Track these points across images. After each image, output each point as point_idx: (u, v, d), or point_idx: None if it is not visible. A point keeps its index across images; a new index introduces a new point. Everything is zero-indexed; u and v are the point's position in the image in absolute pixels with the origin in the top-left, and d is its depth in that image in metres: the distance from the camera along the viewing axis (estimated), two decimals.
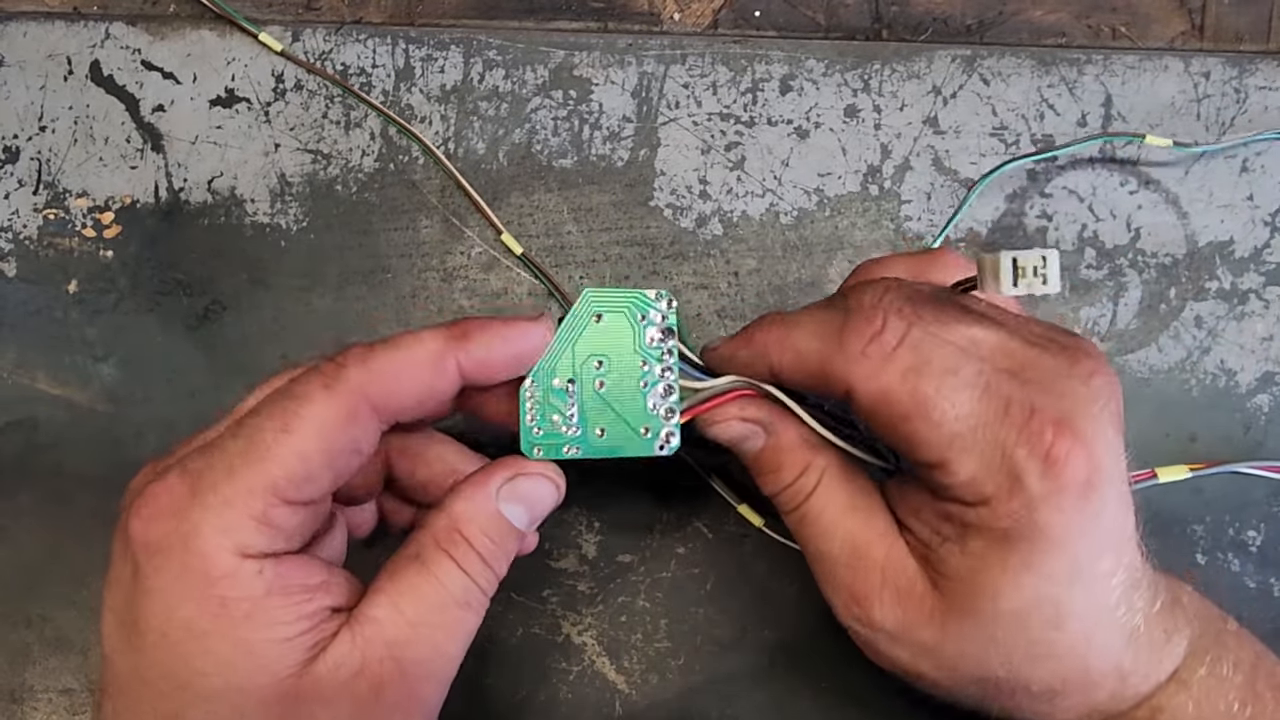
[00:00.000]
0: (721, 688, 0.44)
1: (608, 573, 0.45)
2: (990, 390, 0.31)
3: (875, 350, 0.31)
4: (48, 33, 0.47)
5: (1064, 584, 0.31)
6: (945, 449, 0.31)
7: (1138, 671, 0.33)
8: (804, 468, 0.35)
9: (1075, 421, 0.30)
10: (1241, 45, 0.49)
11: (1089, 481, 0.30)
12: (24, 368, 0.46)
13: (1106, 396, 0.31)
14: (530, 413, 0.35)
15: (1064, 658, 0.32)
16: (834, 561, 0.34)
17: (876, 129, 0.47)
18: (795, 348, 0.33)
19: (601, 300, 0.35)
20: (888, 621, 0.33)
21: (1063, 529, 0.30)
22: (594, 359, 0.35)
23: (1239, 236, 0.47)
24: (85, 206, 0.47)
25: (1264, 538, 0.45)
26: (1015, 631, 0.31)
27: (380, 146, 0.47)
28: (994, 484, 0.30)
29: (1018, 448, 0.30)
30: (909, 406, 0.31)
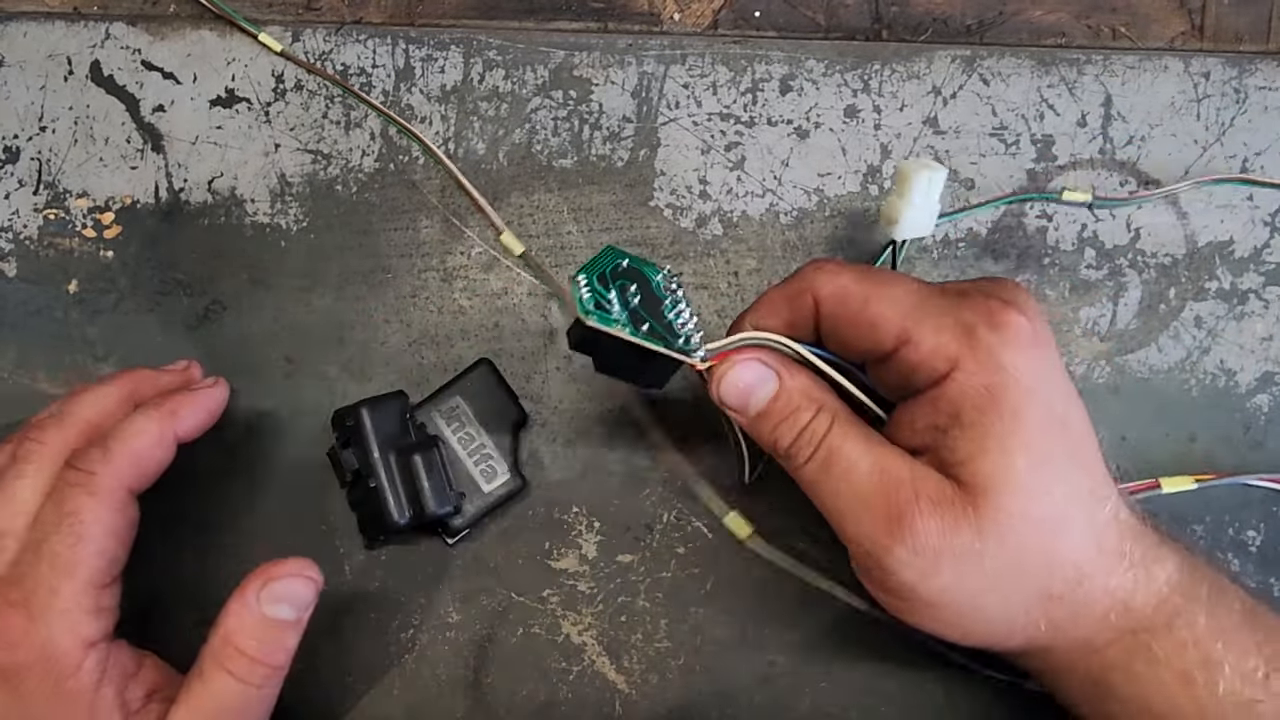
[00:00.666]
0: (722, 688, 0.44)
1: (608, 573, 0.45)
2: (921, 289, 0.36)
3: (831, 266, 0.37)
4: (48, 33, 0.47)
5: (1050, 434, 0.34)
6: (903, 320, 0.35)
7: (1139, 564, 0.35)
8: (819, 406, 0.37)
9: (1002, 295, 0.35)
10: (1241, 45, 0.49)
11: (1035, 334, 0.34)
12: (24, 368, 0.46)
13: (1024, 295, 0.36)
14: (584, 291, 0.37)
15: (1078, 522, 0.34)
16: (865, 492, 0.35)
17: (876, 129, 0.47)
18: (769, 300, 0.38)
19: (622, 254, 0.38)
20: (930, 534, 0.34)
21: (1029, 370, 0.34)
22: (626, 283, 0.38)
23: (1239, 236, 0.47)
24: (85, 207, 0.47)
25: (1264, 538, 0.45)
26: (1040, 495, 0.34)
27: (380, 146, 0.47)
28: (955, 343, 0.34)
29: (962, 310, 0.35)
30: (867, 290, 0.36)
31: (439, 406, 0.44)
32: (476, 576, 0.45)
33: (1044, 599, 0.35)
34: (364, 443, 0.42)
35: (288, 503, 0.45)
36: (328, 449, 0.44)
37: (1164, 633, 0.34)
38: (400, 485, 0.42)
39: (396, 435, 0.42)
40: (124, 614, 0.41)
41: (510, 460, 0.44)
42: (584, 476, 0.45)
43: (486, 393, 0.44)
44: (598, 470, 0.45)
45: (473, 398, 0.44)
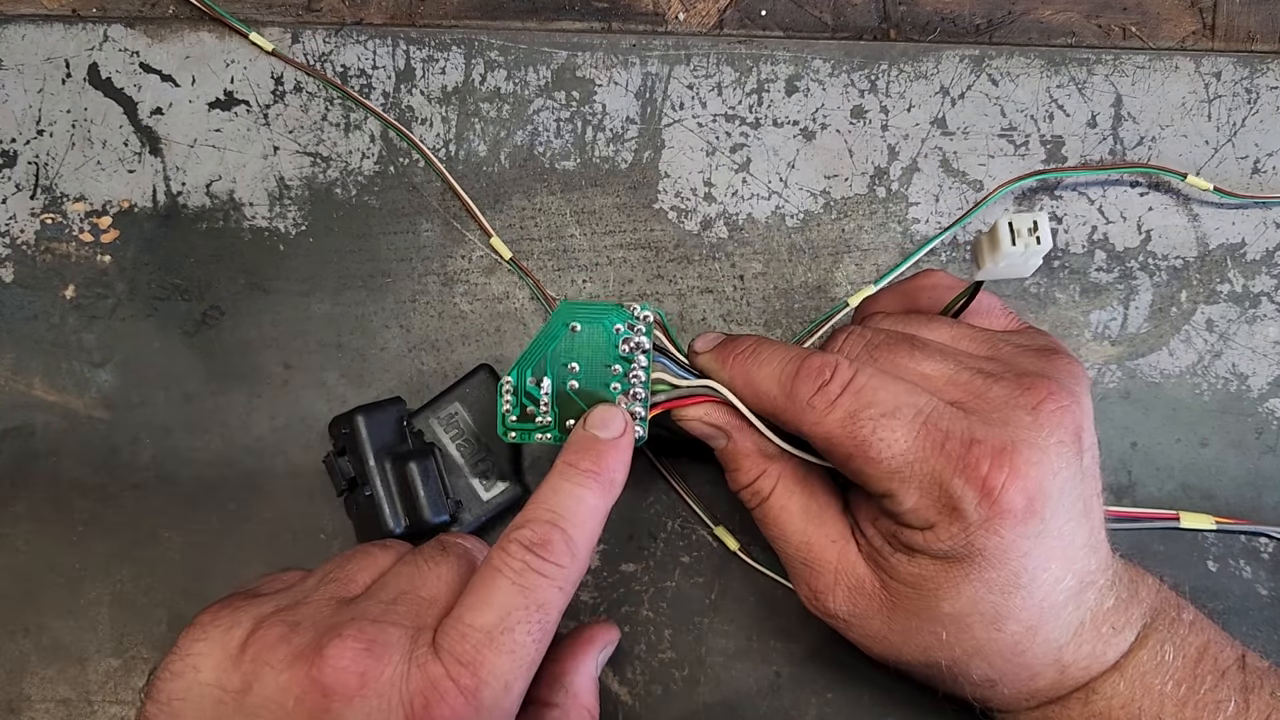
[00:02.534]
0: (727, 699, 0.43)
1: (611, 582, 0.44)
2: (929, 426, 0.33)
3: (820, 400, 0.34)
4: (46, 35, 0.47)
5: (1002, 593, 0.33)
6: (887, 482, 0.34)
7: (1078, 664, 0.35)
8: (760, 473, 0.38)
9: (1015, 450, 0.33)
10: (1253, 45, 0.48)
11: (1028, 506, 0.32)
12: (21, 374, 0.45)
13: (1053, 424, 0.33)
14: (506, 404, 0.38)
15: (1003, 654, 0.34)
16: (791, 559, 0.38)
17: (884, 130, 0.47)
18: (755, 388, 0.36)
19: (576, 312, 0.38)
20: (841, 612, 0.36)
21: (1000, 549, 0.33)
22: (568, 362, 0.38)
23: (1250, 239, 0.46)
24: (83, 211, 0.46)
25: (1276, 545, 0.45)
26: (956, 630, 0.34)
27: (380, 149, 0.47)
28: (935, 512, 0.33)
29: (954, 479, 0.33)
30: (850, 448, 0.34)
31: (437, 413, 0.43)
32: None
33: (951, 683, 0.36)
34: (359, 450, 0.41)
35: (285, 510, 0.44)
36: (324, 456, 0.43)
37: (1079, 705, 0.35)
38: (395, 493, 0.41)
39: (393, 442, 0.42)
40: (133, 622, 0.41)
41: (510, 468, 0.43)
42: None
43: (487, 399, 0.43)
44: None
45: (472, 404, 0.43)
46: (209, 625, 0.33)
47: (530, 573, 0.33)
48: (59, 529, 0.44)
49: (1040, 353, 0.36)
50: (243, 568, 0.44)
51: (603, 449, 0.36)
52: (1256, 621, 0.44)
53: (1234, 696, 0.34)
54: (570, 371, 0.38)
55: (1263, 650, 0.36)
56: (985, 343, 0.37)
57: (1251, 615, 0.44)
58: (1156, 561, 0.44)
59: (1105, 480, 0.44)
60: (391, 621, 0.32)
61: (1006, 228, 0.34)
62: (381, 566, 0.36)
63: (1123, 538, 0.44)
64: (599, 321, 0.38)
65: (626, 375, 0.38)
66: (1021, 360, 0.36)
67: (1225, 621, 0.43)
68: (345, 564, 0.36)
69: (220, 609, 0.34)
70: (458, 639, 0.32)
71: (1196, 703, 0.34)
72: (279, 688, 0.31)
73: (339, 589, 0.35)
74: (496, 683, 0.31)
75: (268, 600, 0.34)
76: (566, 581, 0.34)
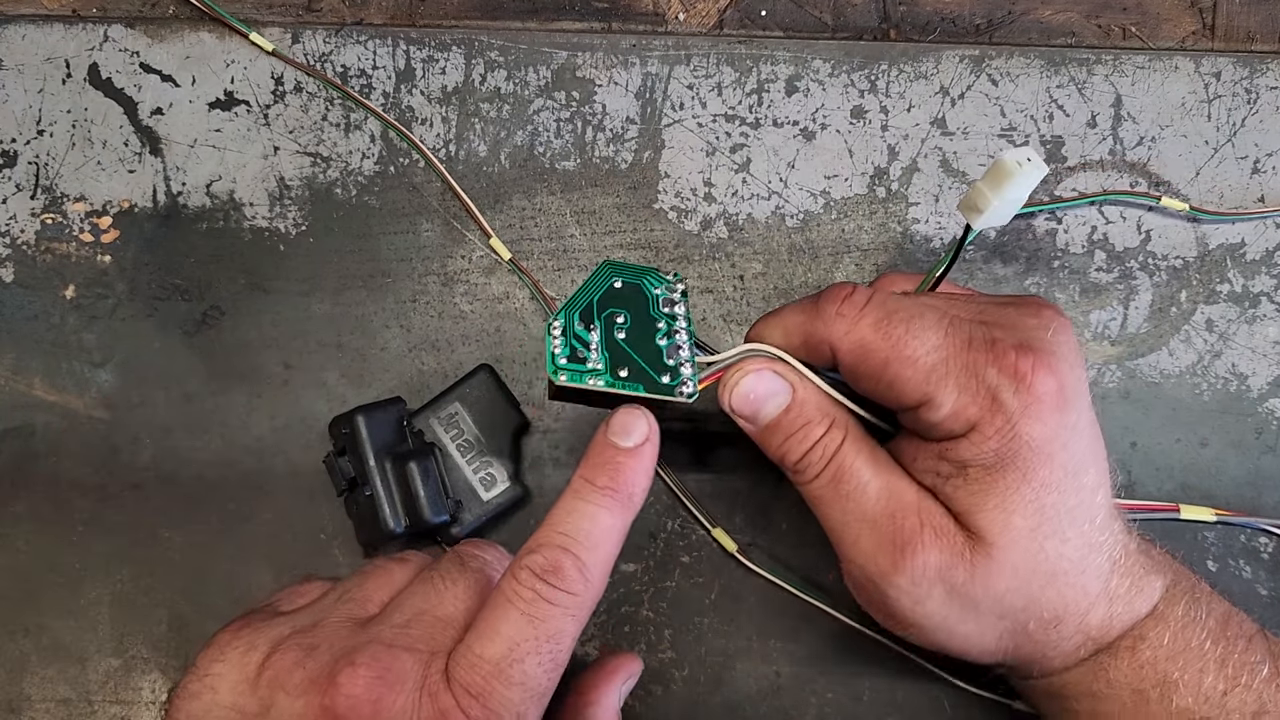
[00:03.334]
0: (727, 699, 0.43)
1: (611, 582, 0.44)
2: (954, 326, 0.34)
3: (848, 308, 0.35)
4: (46, 35, 0.47)
5: (1059, 492, 0.34)
6: (924, 384, 0.34)
7: (1122, 598, 0.35)
8: (831, 420, 0.36)
9: (1033, 344, 0.34)
10: (1253, 45, 0.48)
11: (1060, 392, 0.33)
12: (21, 374, 0.45)
13: (1057, 324, 0.35)
14: (556, 345, 0.36)
15: (1069, 574, 0.34)
16: (874, 515, 0.35)
17: (884, 130, 0.47)
18: (783, 323, 0.37)
19: (619, 271, 0.38)
20: (930, 564, 0.34)
21: (1045, 439, 0.33)
22: (615, 313, 0.37)
23: (1250, 239, 0.46)
24: (83, 211, 0.46)
25: (1276, 544, 0.45)
26: (1033, 551, 0.34)
27: (380, 149, 0.47)
28: (976, 407, 0.33)
29: (988, 369, 0.33)
30: (886, 350, 0.34)
31: (438, 413, 0.43)
32: None
33: (1018, 633, 0.36)
34: (359, 450, 0.41)
35: (285, 510, 0.44)
36: (324, 456, 0.43)
37: (1127, 655, 0.35)
38: (396, 493, 0.41)
39: (393, 442, 0.42)
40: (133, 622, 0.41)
41: (511, 468, 0.43)
42: None
43: (487, 399, 0.43)
44: None
45: (472, 404, 0.43)
46: (227, 646, 0.33)
47: (541, 602, 0.32)
48: (59, 529, 0.44)
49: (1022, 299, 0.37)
50: (243, 568, 0.44)
51: (622, 461, 0.34)
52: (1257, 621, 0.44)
53: (1266, 660, 0.35)
54: (618, 323, 0.37)
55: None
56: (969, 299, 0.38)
57: (1252, 615, 0.44)
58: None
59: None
60: (405, 646, 0.32)
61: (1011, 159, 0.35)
62: (398, 584, 0.36)
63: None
64: (640, 280, 0.38)
65: (670, 332, 0.37)
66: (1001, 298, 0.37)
67: None
68: (364, 583, 0.36)
69: (239, 629, 0.34)
70: (468, 669, 0.31)
71: (1235, 662, 0.35)
72: (294, 714, 0.31)
73: (356, 609, 0.34)
74: (507, 713, 0.31)
75: (285, 621, 0.34)
76: (580, 609, 0.33)
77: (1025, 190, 0.36)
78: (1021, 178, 0.35)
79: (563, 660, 0.32)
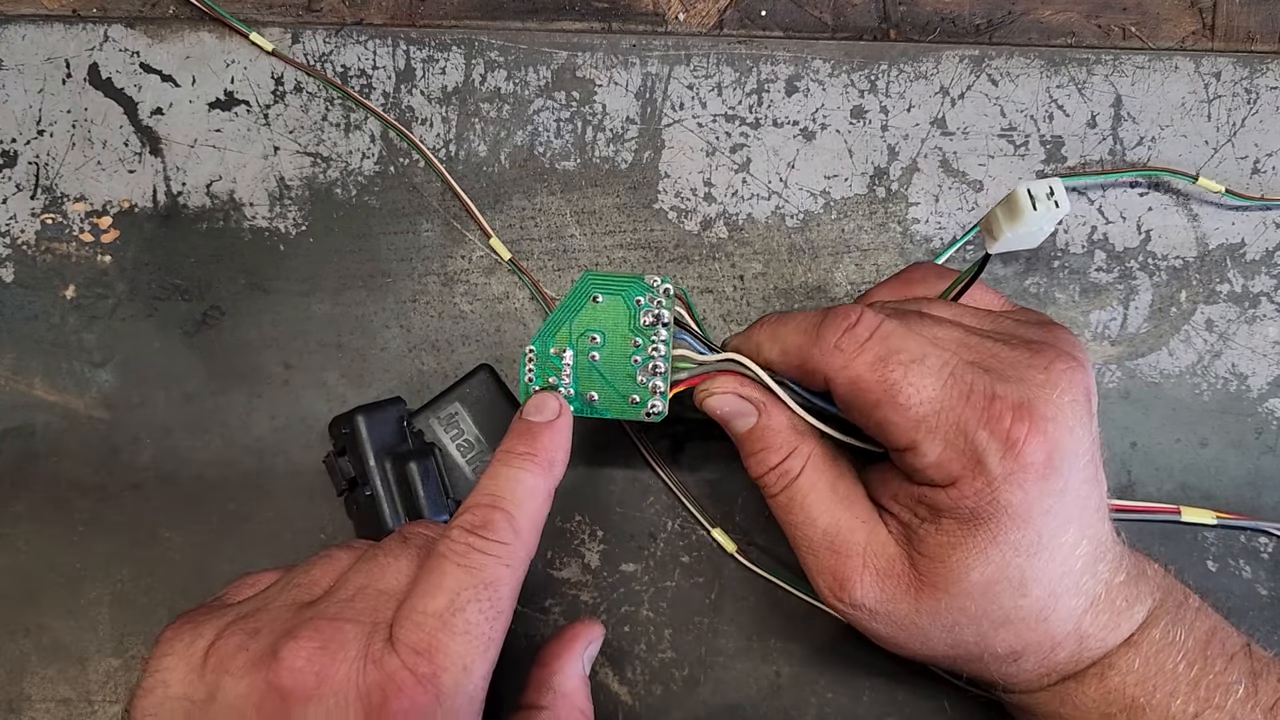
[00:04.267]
0: (727, 700, 0.43)
1: (611, 582, 0.44)
2: (955, 377, 0.33)
3: (848, 342, 0.34)
4: (46, 35, 0.47)
5: (1028, 555, 0.34)
6: (913, 432, 0.33)
7: (1096, 635, 0.35)
8: (791, 450, 0.37)
9: (1033, 406, 0.33)
10: (1253, 45, 0.48)
11: (1048, 461, 0.33)
12: (21, 374, 0.45)
13: (1066, 383, 0.34)
14: (529, 373, 0.39)
15: (1028, 622, 0.34)
16: (816, 548, 0.37)
17: (883, 130, 0.47)
18: (782, 342, 0.36)
19: (600, 283, 0.38)
20: (868, 600, 0.36)
21: (1024, 506, 0.33)
22: (590, 334, 0.38)
23: (1250, 239, 0.46)
24: (83, 211, 0.46)
25: (1275, 545, 0.45)
26: (984, 601, 0.34)
27: (381, 149, 0.47)
28: (959, 465, 0.33)
29: (979, 430, 0.33)
30: (879, 393, 0.34)
31: (438, 413, 0.43)
32: None
33: (973, 661, 0.36)
34: (360, 450, 0.41)
35: (285, 510, 0.44)
36: (324, 456, 0.43)
37: (1095, 681, 0.36)
38: (396, 493, 0.41)
39: (393, 443, 0.42)
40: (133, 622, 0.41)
41: None
42: (586, 484, 0.45)
43: (487, 399, 0.43)
44: (600, 478, 0.45)
45: (472, 404, 0.43)
46: (174, 640, 0.33)
47: (474, 553, 0.33)
48: (59, 529, 0.44)
49: (1039, 325, 0.36)
50: (243, 568, 0.43)
51: (537, 432, 0.36)
52: (1256, 621, 0.44)
53: (1243, 680, 0.35)
54: (592, 344, 0.38)
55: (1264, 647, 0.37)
56: (987, 318, 0.37)
57: (1251, 615, 0.44)
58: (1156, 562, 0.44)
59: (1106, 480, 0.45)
60: (347, 619, 0.32)
61: (1025, 194, 0.34)
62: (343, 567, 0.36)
63: (1124, 535, 0.44)
64: (620, 294, 0.38)
65: (646, 349, 0.38)
66: (1024, 330, 0.36)
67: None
68: (310, 569, 0.36)
69: (184, 623, 0.34)
70: (412, 628, 0.32)
71: (1208, 684, 0.35)
72: (239, 695, 0.31)
73: (301, 593, 0.34)
74: (454, 666, 0.31)
75: (230, 610, 0.34)
76: (513, 559, 0.33)
77: (1042, 225, 0.35)
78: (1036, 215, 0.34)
79: (504, 609, 0.33)
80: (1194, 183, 0.46)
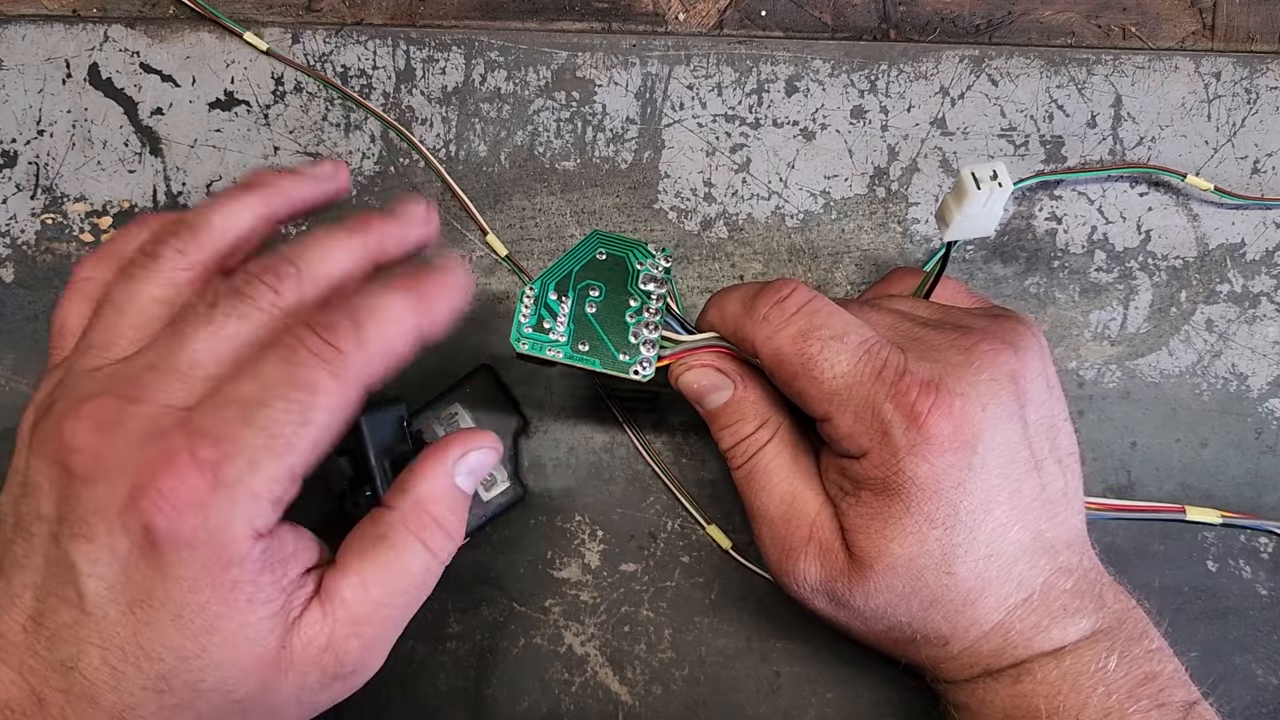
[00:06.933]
0: (727, 699, 0.43)
1: (611, 582, 0.44)
2: (870, 354, 0.34)
3: (776, 314, 0.36)
4: (46, 35, 0.47)
5: (944, 528, 0.34)
6: (827, 404, 0.35)
7: (1023, 633, 0.35)
8: (763, 421, 0.38)
9: (943, 381, 0.34)
10: (1253, 45, 0.48)
11: (955, 435, 0.33)
12: (21, 374, 0.45)
13: (985, 363, 0.35)
14: (524, 312, 0.39)
15: (955, 604, 0.35)
16: (771, 517, 0.38)
17: (883, 130, 0.47)
18: (722, 310, 0.38)
19: (606, 242, 0.39)
20: (810, 575, 0.37)
21: (931, 477, 0.34)
22: (591, 285, 0.39)
23: (1250, 239, 0.46)
24: (83, 211, 0.46)
25: (1275, 544, 0.45)
26: (909, 578, 0.35)
27: (381, 149, 0.47)
28: (868, 437, 0.34)
29: (885, 403, 0.34)
30: (797, 366, 0.35)
31: (438, 414, 0.43)
32: (477, 586, 0.44)
33: (907, 644, 0.37)
34: (360, 450, 0.41)
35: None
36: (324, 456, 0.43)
37: (1009, 682, 0.36)
38: None
39: (393, 443, 0.42)
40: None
41: (510, 468, 0.43)
42: (586, 484, 0.45)
43: (487, 399, 0.43)
44: (600, 478, 0.45)
45: (473, 404, 0.43)
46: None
47: (302, 349, 0.31)
48: None
49: (988, 315, 0.37)
50: None
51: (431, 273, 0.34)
52: (1256, 621, 0.44)
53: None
54: (591, 295, 0.39)
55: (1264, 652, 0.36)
56: (937, 310, 0.38)
57: (1251, 615, 0.44)
58: (1157, 561, 0.44)
59: (1105, 480, 0.45)
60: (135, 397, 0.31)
61: (970, 176, 0.35)
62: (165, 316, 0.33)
63: (1124, 535, 0.44)
64: (625, 254, 0.39)
65: (643, 309, 0.39)
66: (966, 319, 0.37)
67: (1225, 621, 0.44)
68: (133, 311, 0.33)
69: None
70: (209, 411, 0.30)
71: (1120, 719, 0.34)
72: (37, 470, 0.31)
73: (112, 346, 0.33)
74: (240, 458, 0.30)
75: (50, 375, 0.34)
76: (343, 370, 0.31)
77: (991, 207, 0.36)
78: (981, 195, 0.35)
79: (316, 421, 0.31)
80: (1183, 180, 0.46)
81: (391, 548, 0.34)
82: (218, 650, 0.30)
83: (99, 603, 0.30)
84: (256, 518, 0.30)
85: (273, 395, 0.31)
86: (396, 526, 0.34)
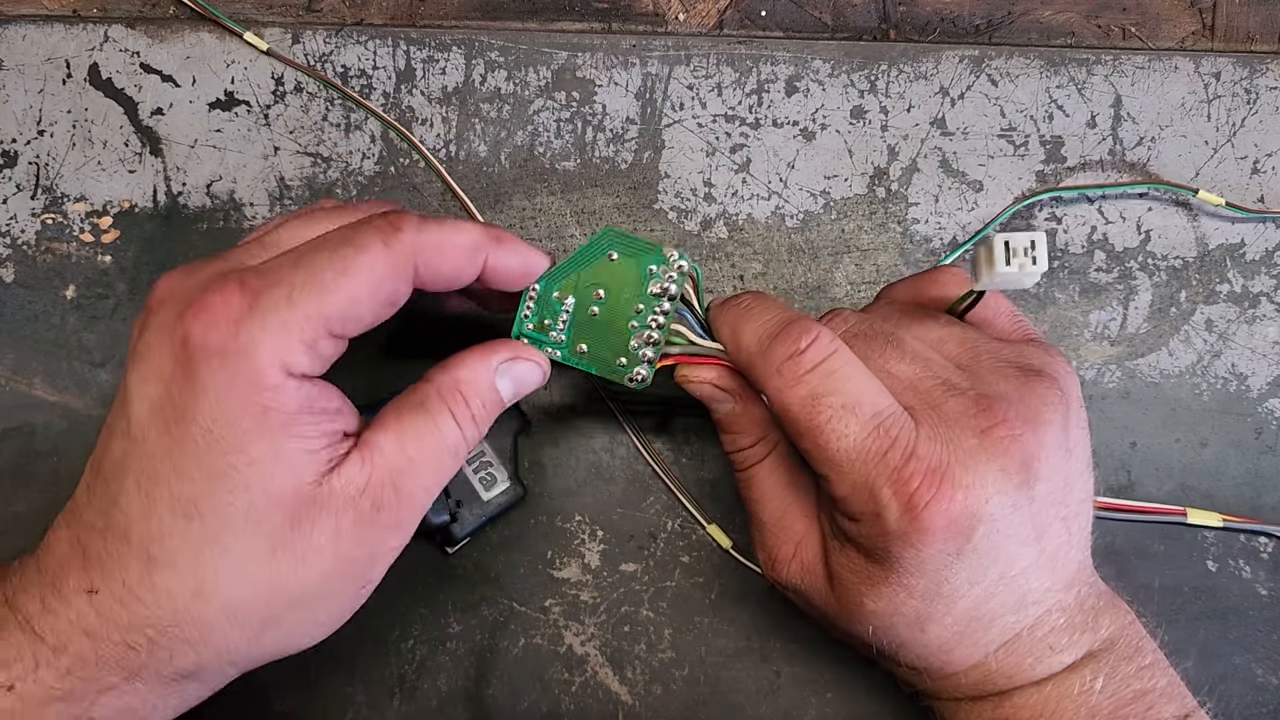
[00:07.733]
0: (726, 699, 0.43)
1: (611, 582, 0.44)
2: (880, 430, 0.33)
3: (790, 369, 0.35)
4: (46, 36, 0.47)
5: (924, 599, 0.34)
6: (827, 468, 0.34)
7: (1003, 673, 0.35)
8: (760, 438, 0.39)
9: (949, 471, 0.33)
10: (1253, 45, 0.48)
11: (950, 528, 0.33)
12: (21, 374, 0.45)
13: (1000, 450, 0.33)
14: (527, 309, 0.39)
15: (930, 649, 0.35)
16: (764, 524, 0.39)
17: (883, 130, 0.47)
18: (738, 339, 0.37)
19: (619, 243, 0.38)
20: (793, 582, 0.38)
21: (916, 563, 0.33)
22: (597, 287, 0.38)
23: (1250, 239, 0.46)
24: (83, 211, 0.46)
25: (1275, 545, 0.45)
26: (881, 627, 0.35)
27: (381, 149, 0.47)
28: (861, 510, 0.34)
29: (885, 487, 0.33)
30: (804, 428, 0.34)
31: None
32: (477, 586, 0.44)
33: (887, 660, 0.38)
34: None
35: None
36: None
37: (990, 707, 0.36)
38: None
39: None
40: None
41: (510, 468, 0.43)
42: (586, 484, 0.45)
43: None
44: (600, 478, 0.45)
45: None
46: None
47: (363, 223, 0.33)
48: None
49: (1021, 372, 0.35)
50: None
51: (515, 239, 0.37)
52: (1256, 621, 0.44)
53: None
54: (596, 299, 0.38)
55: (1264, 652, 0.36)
56: (968, 350, 0.37)
57: (1251, 615, 0.44)
58: (1156, 562, 0.44)
59: (1105, 480, 0.45)
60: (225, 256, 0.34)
61: (1002, 247, 0.33)
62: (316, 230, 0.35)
63: (1124, 535, 0.44)
64: (636, 257, 0.38)
65: (646, 318, 0.38)
66: (993, 378, 0.35)
67: (1225, 621, 0.44)
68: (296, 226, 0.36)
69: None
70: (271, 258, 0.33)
71: None
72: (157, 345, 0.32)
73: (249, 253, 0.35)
74: (279, 289, 0.32)
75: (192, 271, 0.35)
76: (395, 243, 0.33)
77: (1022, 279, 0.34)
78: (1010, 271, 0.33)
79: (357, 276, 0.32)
80: (1194, 196, 0.46)
81: (427, 413, 0.35)
82: (247, 470, 0.31)
83: (141, 426, 0.32)
84: (287, 352, 0.31)
85: (324, 246, 0.33)
86: (432, 396, 0.35)
